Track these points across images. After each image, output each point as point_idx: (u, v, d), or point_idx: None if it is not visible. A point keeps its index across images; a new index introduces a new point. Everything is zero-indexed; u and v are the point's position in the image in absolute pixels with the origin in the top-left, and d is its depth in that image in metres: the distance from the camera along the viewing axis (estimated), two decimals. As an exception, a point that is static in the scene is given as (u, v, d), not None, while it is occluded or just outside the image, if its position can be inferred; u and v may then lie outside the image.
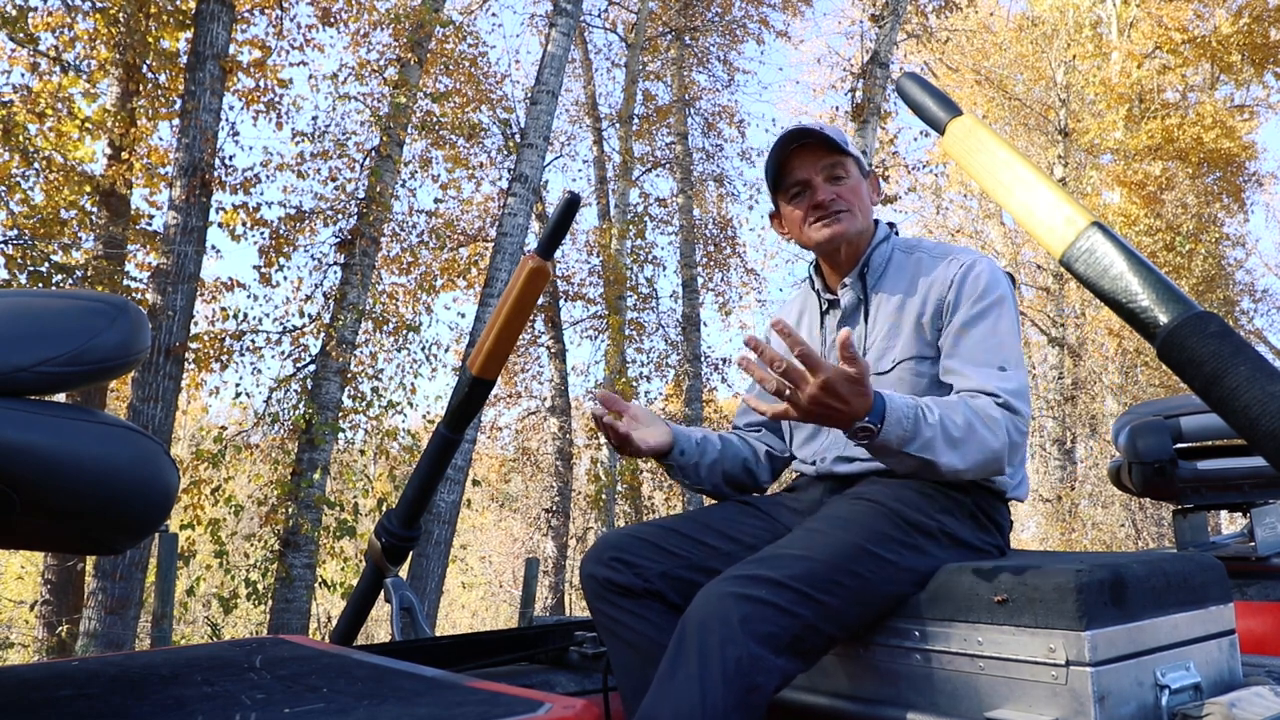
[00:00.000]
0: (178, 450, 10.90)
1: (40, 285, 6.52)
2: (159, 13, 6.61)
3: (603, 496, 10.63)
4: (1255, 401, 1.03)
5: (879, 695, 1.33)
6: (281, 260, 7.43)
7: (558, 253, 5.62)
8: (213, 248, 6.49)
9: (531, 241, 8.21)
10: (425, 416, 10.43)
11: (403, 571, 2.23)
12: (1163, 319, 1.15)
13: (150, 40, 6.84)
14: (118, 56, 7.11)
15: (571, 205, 1.80)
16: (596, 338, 11.57)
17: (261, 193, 19.97)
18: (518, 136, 8.28)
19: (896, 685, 1.31)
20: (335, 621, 2.49)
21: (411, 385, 8.27)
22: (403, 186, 8.65)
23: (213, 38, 5.99)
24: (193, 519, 6.83)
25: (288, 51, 7.87)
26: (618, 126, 11.73)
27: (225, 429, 7.96)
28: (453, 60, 9.57)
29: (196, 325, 6.64)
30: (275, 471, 7.27)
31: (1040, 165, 11.24)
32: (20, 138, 6.58)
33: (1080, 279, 1.26)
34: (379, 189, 7.28)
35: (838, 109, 9.45)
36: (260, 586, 6.92)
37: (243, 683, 1.01)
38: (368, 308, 7.75)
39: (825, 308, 1.65)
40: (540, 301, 10.11)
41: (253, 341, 7.44)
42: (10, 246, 6.55)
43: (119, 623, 5.30)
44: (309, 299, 7.58)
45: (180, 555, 6.04)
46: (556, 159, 12.26)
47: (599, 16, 12.28)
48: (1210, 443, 2.33)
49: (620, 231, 11.10)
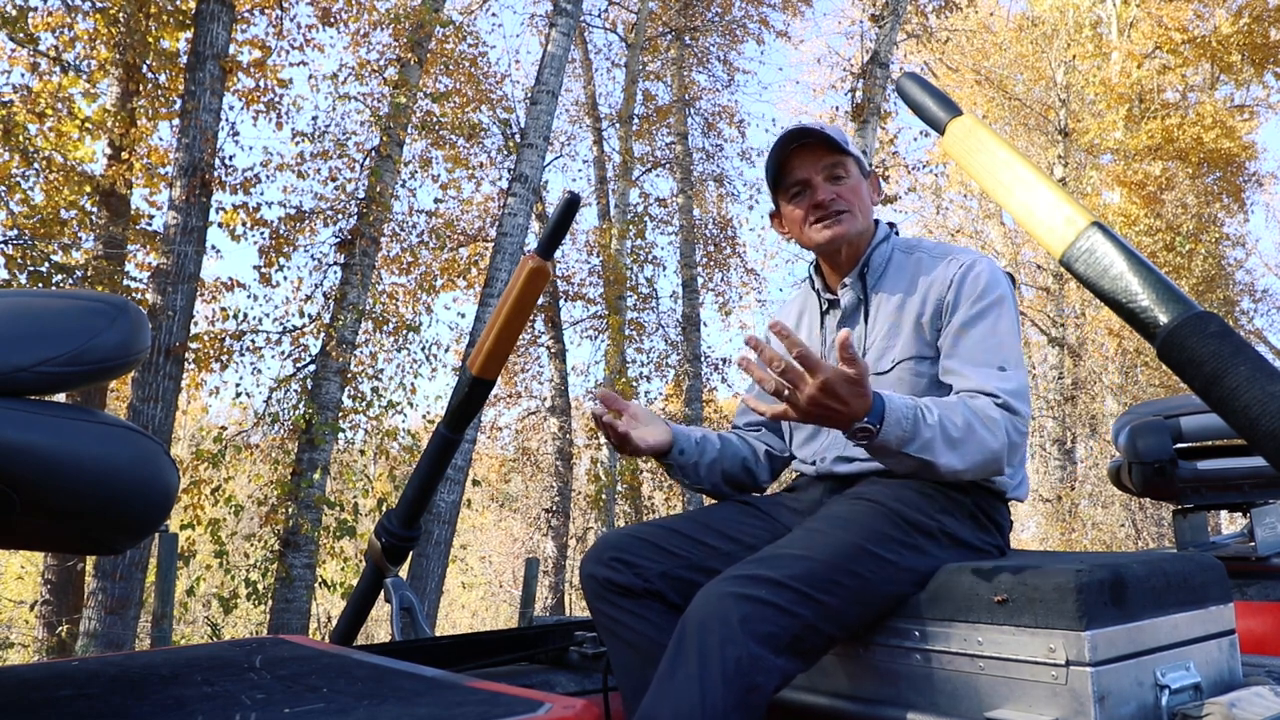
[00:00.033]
0: (178, 450, 10.90)
1: (40, 285, 6.52)
2: (159, 13, 6.60)
3: (603, 496, 10.63)
4: (1255, 401, 1.03)
5: (879, 695, 1.33)
6: (281, 260, 7.44)
7: (558, 253, 5.62)
8: (213, 248, 6.50)
9: (531, 241, 8.21)
10: (425, 416, 10.44)
11: (403, 571, 2.23)
12: (1163, 319, 1.15)
13: (150, 40, 6.83)
14: (118, 56, 7.10)
15: (571, 205, 1.80)
16: (596, 338, 11.58)
17: (261, 193, 19.96)
18: (518, 136, 8.28)
19: (896, 685, 1.31)
20: (335, 621, 2.49)
21: (411, 385, 8.28)
22: (403, 186, 8.66)
23: (213, 38, 6.00)
24: (193, 519, 6.83)
25: (288, 51, 7.88)
26: (618, 126, 11.73)
27: (225, 429, 7.96)
28: (453, 60, 9.57)
29: (196, 325, 6.65)
30: (275, 471, 7.27)
31: (1040, 165, 11.23)
32: (20, 138, 6.58)
33: (1080, 279, 1.26)
34: (379, 189, 7.28)
35: (838, 109, 9.45)
36: (260, 586, 6.92)
37: (243, 683, 1.01)
38: (368, 308, 7.75)
39: (825, 308, 1.65)
40: (540, 301, 10.11)
41: (253, 341, 7.44)
42: (10, 246, 6.55)
43: (119, 623, 5.30)
44: (309, 299, 7.59)
45: (180, 555, 6.04)
46: (556, 159, 12.27)
47: (599, 16, 12.29)
48: (1210, 443, 2.33)
49: (620, 231, 11.10)
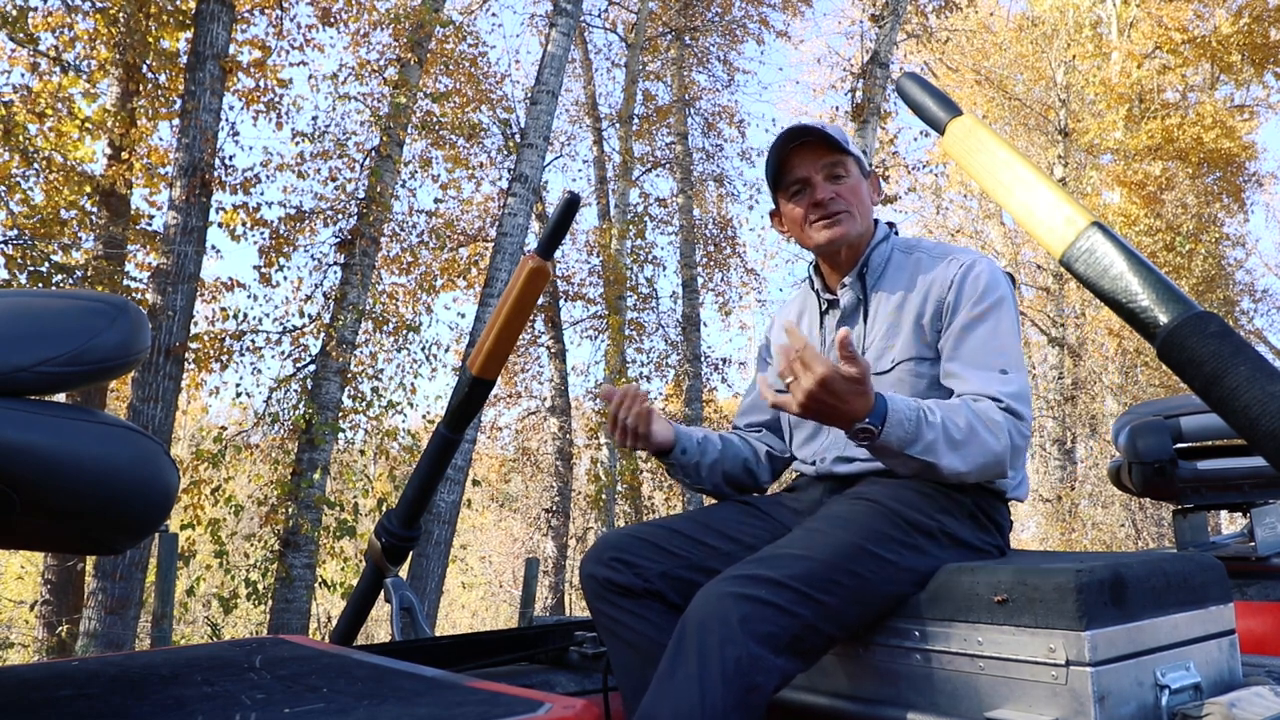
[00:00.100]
0: (178, 450, 10.90)
1: (40, 285, 6.52)
2: (159, 13, 6.60)
3: (603, 496, 10.62)
4: (1255, 401, 1.03)
5: (879, 695, 1.33)
6: (281, 260, 7.44)
7: (558, 253, 5.62)
8: (213, 248, 6.50)
9: (531, 241, 8.21)
10: (425, 416, 10.43)
11: (403, 571, 2.23)
12: (1163, 319, 1.15)
13: (150, 40, 6.83)
14: (118, 56, 7.10)
15: (571, 205, 1.80)
16: (596, 338, 11.58)
17: (261, 193, 19.93)
18: (518, 136, 8.28)
19: (896, 685, 1.30)
20: (335, 621, 2.49)
21: (411, 385, 8.28)
22: (403, 186, 8.65)
23: (213, 38, 5.99)
24: (193, 519, 6.82)
25: (288, 51, 7.88)
26: (618, 126, 11.73)
27: (225, 429, 7.96)
28: (453, 60, 9.57)
29: (196, 325, 6.64)
30: (275, 471, 7.27)
31: (1040, 165, 11.23)
32: (20, 138, 6.58)
33: (1080, 279, 1.26)
34: (379, 189, 7.28)
35: (838, 109, 9.45)
36: (260, 586, 6.92)
37: (243, 683, 1.01)
38: (368, 308, 7.75)
39: (825, 308, 1.65)
40: (540, 301, 10.11)
41: (253, 341, 7.44)
42: (10, 246, 6.55)
43: (119, 623, 5.30)
44: (309, 299, 7.58)
45: (180, 555, 6.04)
46: (556, 159, 12.27)
47: (599, 16, 12.29)
48: (1210, 443, 2.33)
49: (620, 231, 11.10)
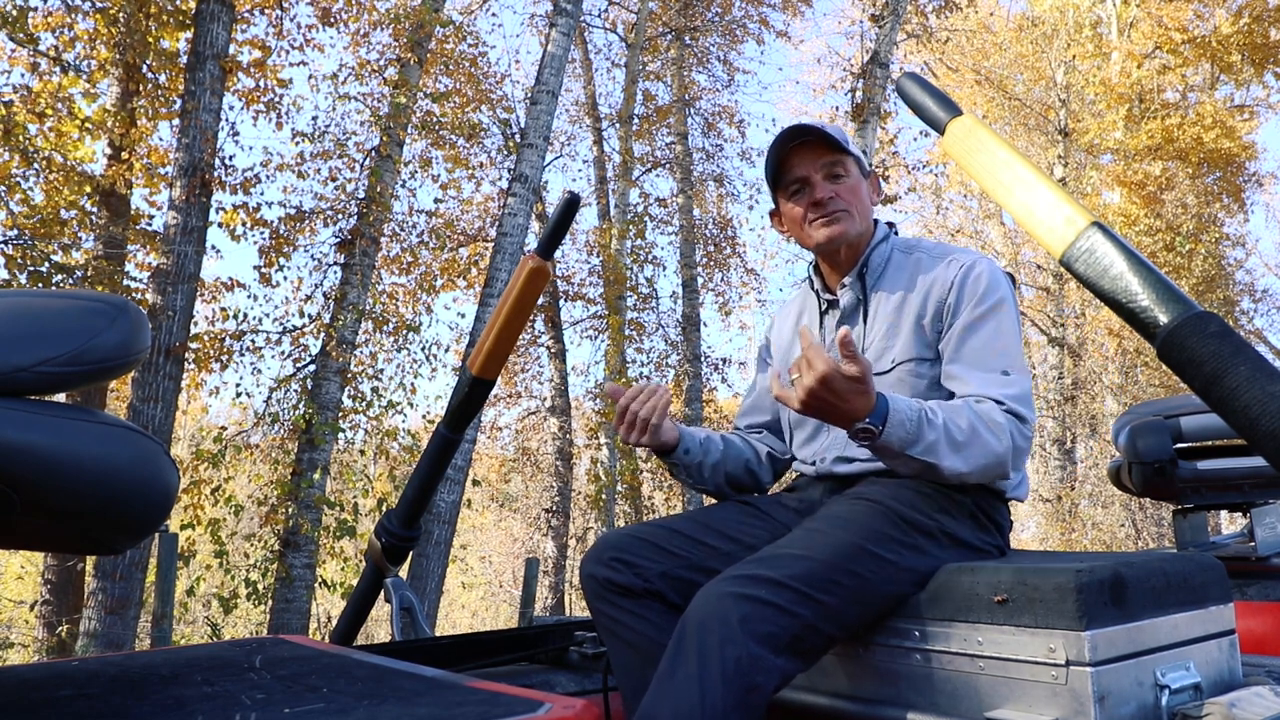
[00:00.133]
0: (178, 450, 10.90)
1: (40, 285, 6.52)
2: (159, 13, 6.60)
3: (603, 496, 10.62)
4: (1255, 401, 1.03)
5: (879, 695, 1.32)
6: (281, 260, 7.44)
7: (558, 253, 5.62)
8: (213, 248, 6.50)
9: (531, 241, 8.21)
10: (425, 416, 10.43)
11: (403, 571, 2.22)
12: (1163, 319, 1.15)
13: (150, 40, 6.83)
14: (118, 56, 7.10)
15: (571, 205, 1.80)
16: (596, 338, 11.58)
17: (261, 193, 19.93)
18: (518, 136, 8.28)
19: (896, 685, 1.30)
20: (335, 621, 2.49)
21: (411, 385, 8.28)
22: (403, 186, 8.66)
23: (213, 38, 5.99)
24: (193, 519, 6.82)
25: (288, 51, 7.88)
26: (618, 126, 11.73)
27: (225, 429, 7.96)
28: (453, 60, 9.57)
29: (196, 325, 6.64)
30: (275, 471, 7.27)
31: (1040, 165, 11.23)
32: (20, 138, 6.58)
33: (1080, 279, 1.26)
34: (379, 189, 7.28)
35: (838, 109, 9.45)
36: (260, 586, 6.92)
37: (243, 683, 1.01)
38: (368, 308, 7.75)
39: (824, 308, 1.65)
40: (540, 301, 10.11)
41: (253, 341, 7.44)
42: (10, 246, 6.55)
43: (119, 623, 5.30)
44: (309, 299, 7.59)
45: (180, 555, 6.04)
46: (556, 159, 12.27)
47: (599, 16, 12.29)
48: (1210, 443, 2.33)
49: (620, 231, 11.10)
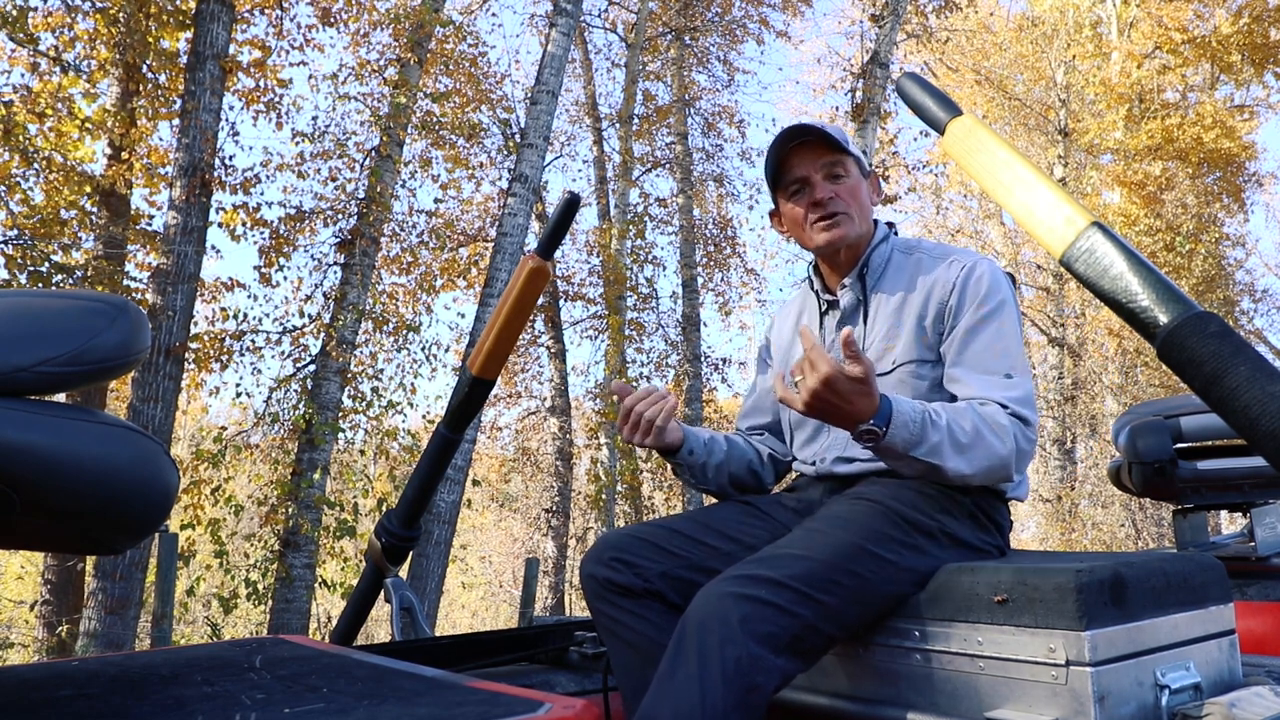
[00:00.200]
0: (178, 450, 10.90)
1: (40, 285, 6.52)
2: (159, 13, 6.60)
3: (603, 496, 10.62)
4: (1255, 401, 1.03)
5: (879, 695, 1.32)
6: (281, 260, 7.44)
7: (558, 253, 5.61)
8: (213, 248, 6.50)
9: (531, 241, 8.21)
10: (425, 416, 10.43)
11: (403, 571, 2.22)
12: (1163, 319, 1.15)
13: (150, 40, 6.83)
14: (118, 56, 7.10)
15: (571, 205, 1.80)
16: (596, 338, 11.58)
17: (261, 193, 19.94)
18: (518, 136, 8.28)
19: (896, 685, 1.30)
20: (335, 621, 2.49)
21: (411, 385, 8.28)
22: (403, 186, 8.65)
23: (213, 38, 5.99)
24: (193, 519, 6.82)
25: (288, 51, 7.88)
26: (618, 126, 11.72)
27: (225, 429, 7.96)
28: (453, 60, 9.57)
29: (196, 325, 6.64)
30: (275, 471, 7.27)
31: (1040, 165, 11.23)
32: (20, 138, 6.58)
33: (1080, 279, 1.26)
34: (379, 189, 7.28)
35: (838, 109, 9.44)
36: (260, 586, 6.92)
37: (243, 683, 1.01)
38: (368, 308, 7.75)
39: (824, 308, 1.65)
40: (540, 301, 10.11)
41: (253, 341, 7.44)
42: (10, 246, 6.55)
43: (119, 623, 5.30)
44: (309, 299, 7.59)
45: (180, 555, 6.04)
46: (556, 159, 12.27)
47: (599, 16, 12.29)
48: (1210, 443, 2.33)
49: (620, 231, 11.10)
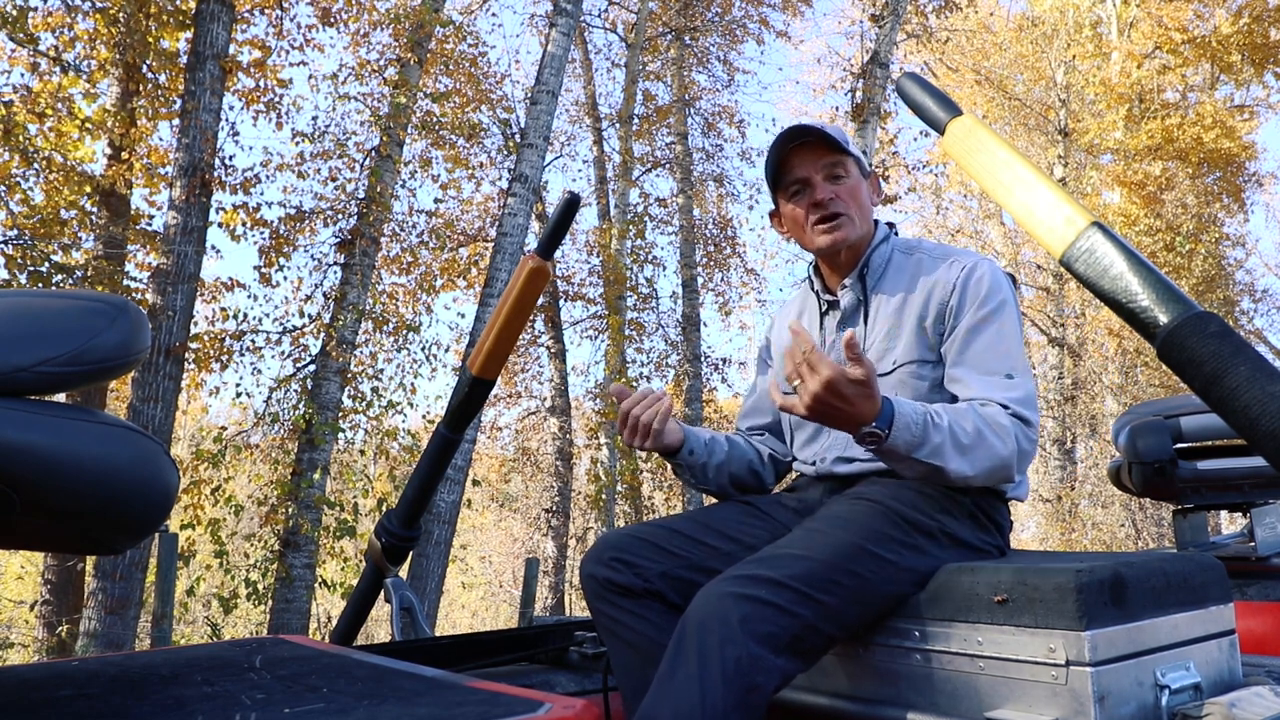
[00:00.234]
0: (178, 450, 10.90)
1: (40, 285, 6.52)
2: (159, 13, 6.60)
3: (603, 496, 10.62)
4: (1255, 401, 1.03)
5: (879, 695, 1.32)
6: (281, 260, 7.44)
7: (558, 253, 5.62)
8: (213, 248, 6.50)
9: (531, 241, 8.21)
10: (425, 416, 10.43)
11: (403, 571, 2.22)
12: (1163, 319, 1.15)
13: (150, 40, 6.83)
14: (118, 56, 7.10)
15: (571, 205, 1.80)
16: (596, 338, 11.58)
17: (261, 193, 19.95)
18: (518, 136, 8.28)
19: (896, 685, 1.30)
20: (335, 621, 2.49)
21: (411, 385, 8.28)
22: (403, 186, 8.65)
23: (213, 38, 5.99)
24: (193, 519, 6.82)
25: (288, 51, 7.88)
26: (618, 126, 11.73)
27: (225, 429, 7.96)
28: (453, 60, 9.57)
29: (196, 325, 6.64)
30: (275, 471, 7.27)
31: (1040, 165, 11.23)
32: (20, 138, 6.58)
33: (1080, 279, 1.26)
34: (379, 189, 7.28)
35: (838, 109, 9.45)
36: (260, 586, 6.92)
37: (243, 683, 1.01)
38: (368, 308, 7.75)
39: (825, 309, 1.65)
40: (540, 301, 10.11)
41: (253, 341, 7.44)
42: (10, 246, 6.55)
43: (119, 623, 5.30)
44: (309, 299, 7.59)
45: (180, 555, 6.04)
46: (556, 159, 12.27)
47: (599, 16, 12.29)
48: (1210, 443, 2.33)
49: (620, 231, 11.10)
